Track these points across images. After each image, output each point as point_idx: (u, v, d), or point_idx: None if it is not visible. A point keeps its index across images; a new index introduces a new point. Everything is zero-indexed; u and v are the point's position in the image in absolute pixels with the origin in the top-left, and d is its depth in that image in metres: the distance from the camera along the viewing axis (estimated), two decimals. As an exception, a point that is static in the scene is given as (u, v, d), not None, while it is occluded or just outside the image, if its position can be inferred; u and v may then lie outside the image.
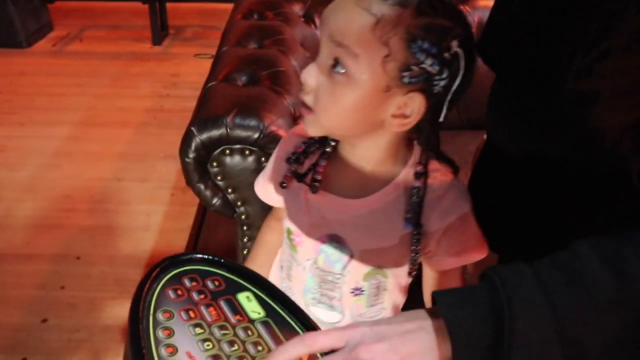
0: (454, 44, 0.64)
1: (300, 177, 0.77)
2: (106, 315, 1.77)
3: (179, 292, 0.57)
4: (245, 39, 1.48)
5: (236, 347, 0.53)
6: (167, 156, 2.59)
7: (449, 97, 0.67)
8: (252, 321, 0.56)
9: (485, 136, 1.14)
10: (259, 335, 0.55)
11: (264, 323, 0.56)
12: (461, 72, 0.65)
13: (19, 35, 3.58)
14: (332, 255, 0.79)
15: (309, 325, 0.57)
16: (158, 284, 0.56)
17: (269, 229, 0.96)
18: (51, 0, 3.72)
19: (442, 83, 0.65)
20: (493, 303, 0.52)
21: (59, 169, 2.49)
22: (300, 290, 0.85)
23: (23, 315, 1.77)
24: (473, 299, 0.54)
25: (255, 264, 0.96)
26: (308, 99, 0.69)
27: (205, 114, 1.19)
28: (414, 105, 0.66)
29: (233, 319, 0.56)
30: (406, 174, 0.74)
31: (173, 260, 0.59)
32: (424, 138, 0.71)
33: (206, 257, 0.61)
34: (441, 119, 0.69)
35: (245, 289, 0.60)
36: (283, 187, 0.80)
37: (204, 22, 4.23)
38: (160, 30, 3.83)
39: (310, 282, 0.83)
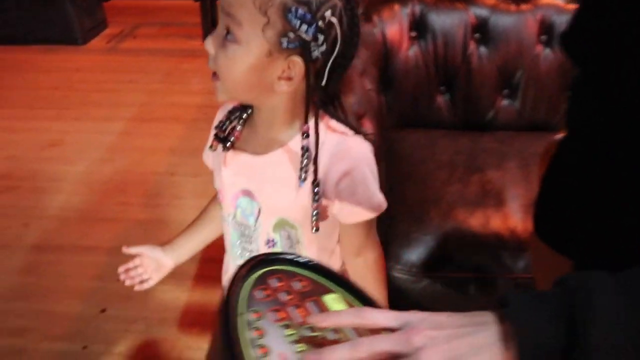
0: (328, 14, 0.72)
1: (220, 140, 0.86)
2: (163, 308, 1.80)
3: (266, 292, 0.56)
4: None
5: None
6: (218, 152, 2.61)
7: (329, 63, 0.75)
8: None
9: (556, 137, 1.11)
10: (347, 337, 0.53)
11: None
12: (339, 41, 0.73)
13: (76, 33, 3.68)
14: (246, 209, 0.88)
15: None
16: (245, 284, 0.55)
17: (213, 201, 1.06)
18: (106, -2, 3.81)
19: (321, 49, 0.73)
20: (566, 307, 0.49)
21: (113, 163, 2.54)
22: (228, 244, 0.94)
23: (83, 305, 1.81)
24: (544, 301, 0.51)
25: (191, 230, 1.11)
26: (212, 66, 0.78)
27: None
28: (295, 68, 0.75)
29: None
30: (303, 133, 0.81)
31: (259, 260, 0.58)
32: (307, 98, 0.77)
33: (292, 257, 0.60)
34: (323, 83, 0.77)
35: (331, 290, 0.59)
36: (211, 150, 0.91)
37: (253, 20, 4.27)
38: (210, 27, 3.87)
39: (233, 236, 0.91)
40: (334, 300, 0.57)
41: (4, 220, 2.18)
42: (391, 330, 0.52)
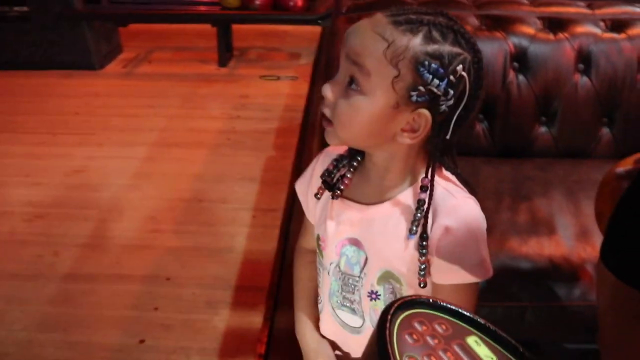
0: (460, 69, 0.71)
1: (329, 187, 0.86)
2: (202, 337, 1.79)
3: (414, 336, 0.56)
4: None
5: None
6: (244, 178, 2.62)
7: (455, 117, 0.74)
8: None
9: (617, 170, 1.12)
10: None
11: (499, 367, 0.56)
12: (467, 94, 0.73)
13: (93, 58, 3.70)
14: (351, 258, 0.86)
15: None
16: (394, 328, 0.56)
17: (301, 266, 1.03)
18: (125, 24, 3.83)
19: (448, 103, 0.73)
20: None
21: (140, 189, 2.54)
22: (326, 294, 0.91)
23: (120, 335, 1.80)
24: None
25: (300, 305, 1.01)
26: (327, 112, 0.77)
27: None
28: (421, 121, 0.74)
29: None
30: (417, 186, 0.80)
31: (401, 304, 0.58)
32: (432, 152, 0.77)
33: (429, 300, 0.61)
34: (448, 137, 0.76)
35: (470, 332, 0.59)
36: (317, 198, 0.89)
37: (267, 44, 4.31)
38: (225, 52, 3.90)
39: (334, 285, 0.89)
40: (476, 343, 0.58)
41: (35, 248, 2.17)
42: None
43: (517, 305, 1.30)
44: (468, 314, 0.61)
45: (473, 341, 0.58)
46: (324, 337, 0.98)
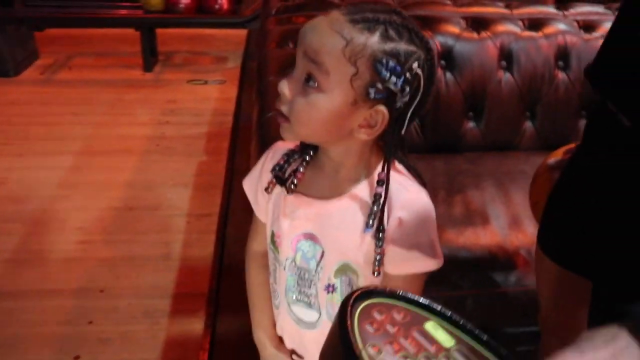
0: (415, 66, 0.73)
1: (282, 182, 0.86)
2: (141, 349, 1.73)
3: (375, 325, 0.57)
4: (287, 67, 1.49)
5: None
6: (176, 184, 2.57)
7: (410, 112, 0.76)
8: (448, 349, 0.57)
9: (549, 162, 1.18)
10: None
11: (458, 351, 0.57)
12: (421, 90, 0.75)
13: (7, 64, 3.52)
14: (307, 252, 0.86)
15: (495, 348, 0.58)
16: (354, 318, 0.56)
17: (254, 271, 1.01)
18: (41, 28, 3.66)
19: (404, 99, 0.74)
20: None
21: (67, 200, 2.44)
22: (282, 290, 0.91)
23: (53, 353, 1.71)
24: None
25: (256, 311, 1.00)
26: (284, 109, 0.77)
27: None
28: (378, 117, 0.75)
29: (431, 348, 0.57)
30: (372, 178, 0.81)
31: (358, 295, 0.59)
32: (388, 147, 0.79)
33: (386, 290, 0.62)
34: (403, 132, 0.78)
35: (428, 319, 0.61)
36: (268, 192, 0.89)
37: (193, 48, 4.24)
38: (150, 57, 3.81)
39: (290, 280, 0.89)
40: (433, 328, 0.59)
41: (-47, 267, 2.03)
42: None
43: (458, 294, 1.34)
44: (424, 302, 0.63)
45: (431, 327, 0.60)
46: (281, 341, 0.97)
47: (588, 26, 1.92)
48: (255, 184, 0.95)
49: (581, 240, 0.90)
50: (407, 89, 0.73)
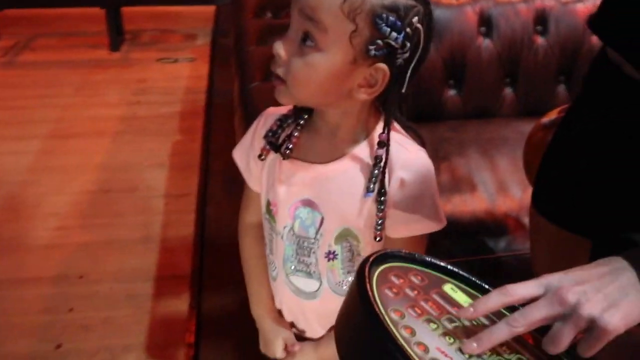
0: (415, 20, 0.70)
1: (276, 148, 0.82)
2: (125, 334, 1.69)
3: (394, 290, 0.55)
4: (268, 37, 1.45)
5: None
6: (152, 164, 2.51)
7: (410, 69, 0.73)
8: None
9: (542, 121, 1.17)
10: (482, 322, 0.55)
11: (479, 310, 0.56)
12: (421, 46, 0.72)
13: (-34, 47, 3.37)
14: (306, 220, 0.83)
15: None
16: (373, 284, 0.54)
17: (249, 244, 0.98)
18: None
19: (405, 56, 0.72)
20: None
21: (39, 185, 2.36)
22: (280, 260, 0.89)
23: (34, 343, 1.67)
24: None
25: (253, 285, 0.97)
26: (280, 71, 0.74)
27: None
28: (379, 75, 0.73)
29: (453, 310, 0.55)
30: (371, 140, 0.79)
31: (373, 260, 0.57)
32: (388, 107, 0.76)
33: (402, 253, 0.60)
34: (403, 90, 0.75)
35: (445, 281, 0.59)
36: (261, 160, 0.86)
37: (160, 26, 4.12)
38: (117, 36, 3.69)
39: (288, 249, 0.87)
40: (452, 290, 0.58)
41: None
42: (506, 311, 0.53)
43: (452, 261, 1.33)
44: (441, 264, 0.61)
45: (449, 288, 0.58)
46: (281, 314, 0.95)
47: (565, -10, 1.90)
48: (246, 152, 0.91)
49: (578, 198, 0.89)
50: (408, 44, 0.71)
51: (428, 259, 0.61)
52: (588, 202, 0.88)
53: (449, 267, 0.61)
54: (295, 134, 0.82)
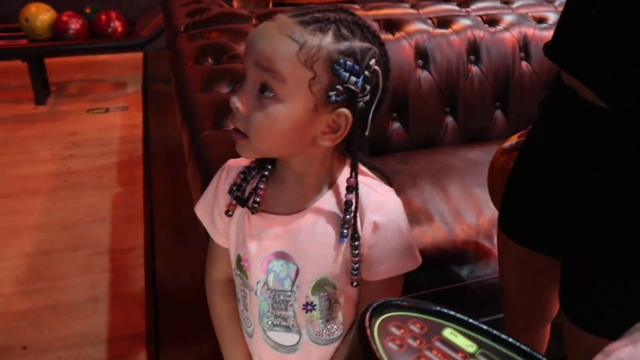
0: (372, 63, 0.71)
1: (243, 202, 0.81)
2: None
3: (397, 342, 0.53)
4: (212, 83, 1.42)
5: None
6: (93, 220, 2.40)
7: (372, 110, 0.74)
8: (472, 355, 0.54)
9: (504, 146, 1.19)
10: None
11: (483, 354, 0.54)
12: (380, 87, 0.73)
13: None
14: (280, 272, 0.82)
15: (516, 346, 0.56)
16: (375, 339, 0.52)
17: (218, 302, 0.95)
18: None
19: (365, 99, 0.72)
20: None
21: (-30, 252, 2.20)
22: (255, 316, 0.87)
23: None
24: None
25: (227, 346, 0.94)
26: (240, 125, 0.73)
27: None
28: (341, 120, 0.73)
29: (457, 356, 0.54)
30: (338, 186, 0.79)
31: (372, 312, 0.55)
32: (353, 151, 0.76)
33: (399, 302, 0.58)
34: (367, 133, 0.76)
35: (444, 326, 0.58)
36: (229, 216, 0.84)
37: (87, 76, 4.01)
38: (41, 89, 3.55)
39: (263, 305, 0.85)
40: (452, 335, 0.56)
41: None
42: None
43: (420, 294, 1.33)
44: (437, 308, 0.60)
45: (449, 333, 0.57)
46: None
47: (491, 20, 1.99)
48: (210, 208, 0.88)
49: (544, 218, 0.91)
50: (368, 87, 0.71)
51: (424, 305, 0.60)
52: (552, 222, 0.90)
53: (444, 310, 0.60)
54: (261, 186, 0.81)
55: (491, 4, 2.20)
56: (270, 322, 0.86)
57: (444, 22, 1.95)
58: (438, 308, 0.60)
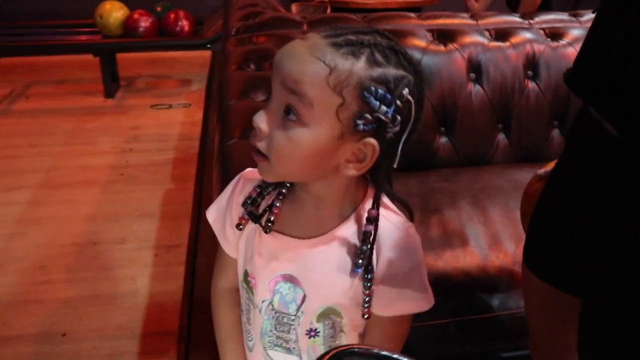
0: (406, 92, 0.67)
1: (256, 219, 0.78)
2: (108, 398, 1.62)
3: None
4: (249, 90, 1.42)
5: None
6: (142, 214, 2.46)
7: (402, 142, 0.70)
8: None
9: (539, 172, 1.13)
10: None
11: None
12: (412, 118, 0.68)
13: (-40, 97, 3.37)
14: (287, 295, 0.79)
15: None
16: None
17: (222, 311, 0.92)
18: (-5, 57, 3.53)
19: (395, 129, 0.68)
20: None
21: (26, 237, 2.31)
22: (257, 333, 0.84)
23: (11, 407, 1.60)
24: None
25: (228, 354, 0.91)
26: (261, 145, 0.70)
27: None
28: (368, 150, 0.69)
29: None
30: (357, 215, 0.76)
31: (333, 356, 0.51)
32: (378, 182, 0.73)
33: (363, 349, 0.55)
34: (395, 165, 0.71)
35: None
36: (239, 229, 0.81)
37: (155, 72, 4.14)
38: (111, 83, 3.70)
39: (266, 324, 0.82)
40: None
41: None
42: None
43: (439, 322, 1.27)
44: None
45: None
46: None
47: (554, 34, 1.89)
48: (222, 217, 0.86)
49: (566, 255, 0.85)
50: (398, 117, 0.67)
51: (388, 354, 0.56)
52: (575, 260, 0.83)
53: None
54: (277, 204, 0.77)
55: (558, 16, 2.08)
56: (271, 342, 0.83)
57: (502, 34, 1.86)
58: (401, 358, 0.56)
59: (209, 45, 3.40)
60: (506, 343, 1.29)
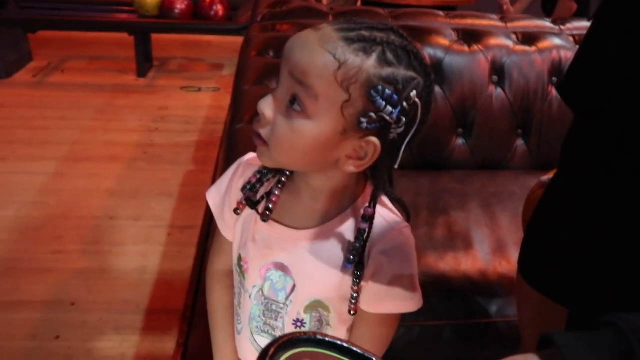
0: (413, 95, 0.65)
1: (253, 205, 0.78)
2: (108, 367, 1.66)
3: None
4: (265, 77, 1.42)
5: None
6: (161, 193, 2.50)
7: (404, 144, 0.69)
8: None
9: (542, 179, 1.11)
10: None
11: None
12: (417, 121, 0.67)
13: (-2, 65, 3.47)
14: (277, 283, 0.79)
15: None
16: None
17: (217, 293, 0.93)
18: (34, 30, 3.61)
19: (399, 131, 0.67)
20: (621, 349, 0.47)
21: (47, 207, 2.37)
22: (246, 317, 0.84)
23: (15, 369, 1.64)
24: (597, 343, 0.49)
25: (218, 338, 0.92)
26: (263, 132, 0.69)
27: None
28: (369, 149, 0.68)
29: None
30: (354, 210, 0.75)
31: (283, 342, 0.51)
32: (377, 181, 0.72)
33: (316, 338, 0.54)
34: (396, 166, 0.71)
35: None
36: (237, 214, 0.81)
37: (188, 54, 4.18)
38: (144, 62, 3.75)
39: (255, 309, 0.83)
40: None
41: None
42: None
43: (435, 324, 1.26)
44: (358, 351, 0.55)
45: None
46: None
47: (585, 42, 1.84)
48: (221, 199, 0.86)
49: (560, 266, 0.84)
50: (403, 119, 0.66)
51: (343, 344, 0.55)
52: (569, 270, 0.82)
53: (366, 354, 0.55)
54: (276, 192, 0.77)
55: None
56: (258, 327, 0.84)
57: (529, 38, 1.82)
58: (359, 350, 0.56)
59: (242, 32, 3.40)
60: (501, 350, 1.26)
